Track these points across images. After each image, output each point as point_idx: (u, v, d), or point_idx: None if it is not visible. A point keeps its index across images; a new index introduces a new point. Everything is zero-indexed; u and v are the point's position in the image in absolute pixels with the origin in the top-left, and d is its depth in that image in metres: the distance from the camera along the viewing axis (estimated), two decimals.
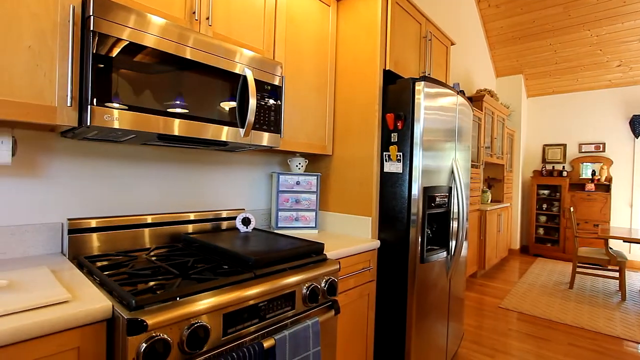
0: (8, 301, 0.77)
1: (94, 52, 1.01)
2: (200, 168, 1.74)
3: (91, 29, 1.02)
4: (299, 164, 2.00)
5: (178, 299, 0.88)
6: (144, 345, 0.78)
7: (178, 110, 1.21)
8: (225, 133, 1.35)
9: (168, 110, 1.18)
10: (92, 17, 1.01)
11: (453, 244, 2.04)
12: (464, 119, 2.15)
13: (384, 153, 1.85)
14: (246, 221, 1.66)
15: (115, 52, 1.05)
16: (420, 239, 1.76)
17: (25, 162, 1.23)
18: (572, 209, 4.30)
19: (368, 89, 1.88)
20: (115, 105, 1.05)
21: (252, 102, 1.38)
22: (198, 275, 1.03)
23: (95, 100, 1.01)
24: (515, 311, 3.42)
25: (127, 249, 1.40)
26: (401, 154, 1.78)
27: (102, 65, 1.03)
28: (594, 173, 5.72)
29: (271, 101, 1.53)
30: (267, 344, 0.99)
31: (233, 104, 1.38)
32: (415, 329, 1.78)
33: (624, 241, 3.69)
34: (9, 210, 1.19)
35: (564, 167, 6.02)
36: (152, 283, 0.97)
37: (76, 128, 1.12)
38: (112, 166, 1.44)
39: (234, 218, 1.80)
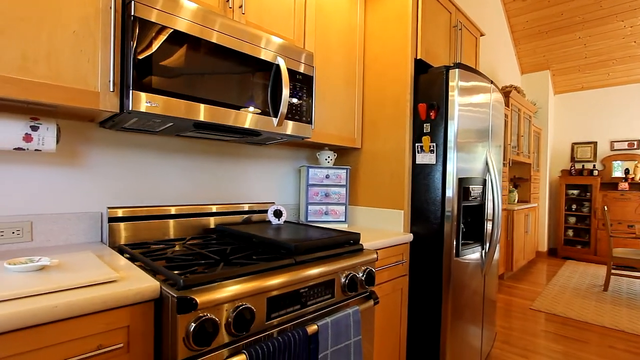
0: (59, 279, 0.77)
1: (135, 38, 1.02)
2: (230, 161, 1.74)
3: (132, 14, 1.02)
4: (328, 157, 1.97)
5: (223, 280, 0.87)
6: (193, 324, 0.77)
7: (215, 98, 1.21)
8: (259, 122, 1.35)
9: (206, 98, 1.18)
10: (132, 2, 1.02)
11: (488, 238, 1.97)
12: (497, 115, 2.09)
13: (416, 144, 1.80)
14: (278, 213, 1.65)
15: (155, 38, 1.06)
16: (455, 232, 1.70)
17: (67, 152, 1.25)
18: (606, 207, 4.12)
19: (398, 79, 1.84)
20: (156, 91, 1.06)
21: (285, 92, 1.37)
22: (239, 261, 1.02)
23: (136, 86, 1.02)
24: (548, 313, 3.28)
25: (162, 238, 1.41)
26: (434, 144, 1.73)
27: (143, 52, 1.03)
28: (627, 171, 5.47)
29: (303, 91, 1.52)
30: (310, 330, 0.97)
31: (266, 92, 1.37)
32: (451, 326, 1.72)
33: None
34: (52, 199, 1.22)
35: (594, 165, 5.78)
36: (194, 267, 0.97)
37: (116, 115, 1.13)
38: (147, 157, 1.46)
39: (264, 211, 1.79)
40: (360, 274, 1.25)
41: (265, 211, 1.79)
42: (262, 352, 0.84)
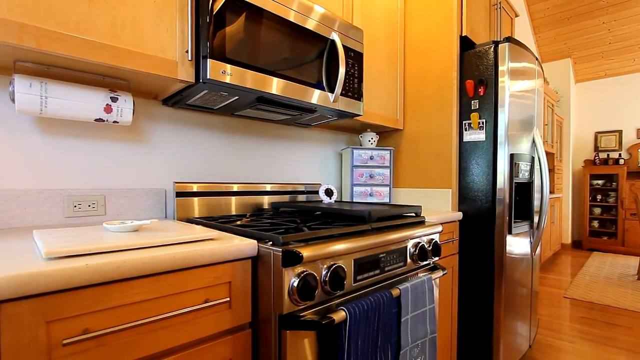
0: (160, 236, 0.78)
1: (211, 7, 1.03)
2: (275, 143, 1.74)
3: None
4: (371, 138, 1.97)
5: (318, 239, 0.87)
6: (296, 279, 0.77)
7: (280, 71, 1.21)
8: (318, 97, 1.35)
9: (272, 70, 1.18)
10: None
11: (537, 216, 1.95)
12: (539, 100, 2.06)
13: (463, 122, 1.79)
14: (329, 192, 1.65)
15: (228, 8, 1.07)
16: (508, 209, 1.68)
17: (135, 128, 1.27)
18: (639, 195, 4.03)
19: (444, 56, 1.83)
20: (230, 61, 1.06)
21: (342, 70, 1.37)
22: (318, 227, 1.02)
23: (212, 55, 1.03)
24: (584, 300, 3.22)
25: (222, 214, 1.42)
26: (484, 120, 1.72)
27: (218, 22, 1.04)
28: None
29: (355, 68, 1.51)
30: (394, 293, 0.97)
31: (321, 68, 1.37)
32: (504, 307, 1.70)
33: None
34: (122, 174, 1.23)
35: (620, 154, 5.66)
36: (281, 230, 0.97)
37: (184, 90, 1.14)
38: (204, 136, 1.47)
39: (312, 192, 1.79)
40: (427, 245, 1.24)
41: (314, 192, 1.80)
42: (359, 310, 0.84)
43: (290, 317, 0.76)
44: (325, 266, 0.84)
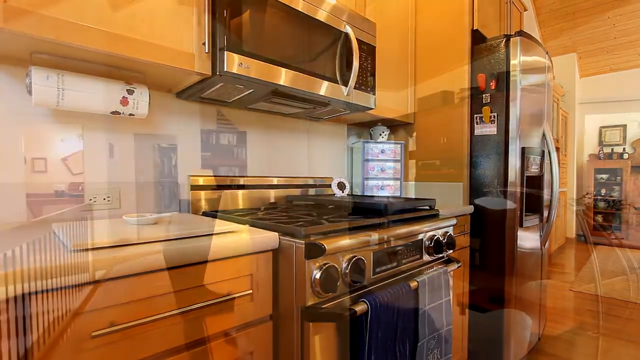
0: (181, 229, 0.78)
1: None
2: (287, 136, 1.74)
3: None
4: (383, 132, 1.96)
5: (339, 232, 0.87)
6: (318, 271, 0.77)
7: (295, 64, 1.20)
8: (332, 91, 1.34)
9: (288, 63, 1.17)
10: None
11: (546, 210, 1.94)
12: (549, 95, 2.05)
13: (475, 115, 1.78)
14: (341, 185, 1.64)
15: (245, 1, 1.06)
16: (519, 203, 1.68)
17: (149, 121, 1.26)
18: None
19: (455, 50, 1.81)
20: (247, 54, 1.06)
21: (356, 63, 1.36)
22: (335, 220, 1.02)
23: (229, 47, 1.02)
24: (590, 293, 3.23)
25: (235, 208, 1.41)
26: (495, 114, 1.70)
27: (234, 14, 1.03)
28: None
29: (368, 61, 1.50)
30: (412, 285, 0.96)
31: (334, 61, 1.36)
32: (515, 301, 1.70)
33: None
34: (136, 167, 1.23)
35: (624, 149, 5.64)
36: (300, 222, 0.96)
37: (200, 82, 1.14)
38: (216, 129, 1.46)
39: (322, 185, 1.79)
40: (442, 238, 1.23)
41: (324, 185, 1.79)
42: (379, 302, 0.83)
43: (313, 309, 0.76)
44: (345, 258, 0.84)
